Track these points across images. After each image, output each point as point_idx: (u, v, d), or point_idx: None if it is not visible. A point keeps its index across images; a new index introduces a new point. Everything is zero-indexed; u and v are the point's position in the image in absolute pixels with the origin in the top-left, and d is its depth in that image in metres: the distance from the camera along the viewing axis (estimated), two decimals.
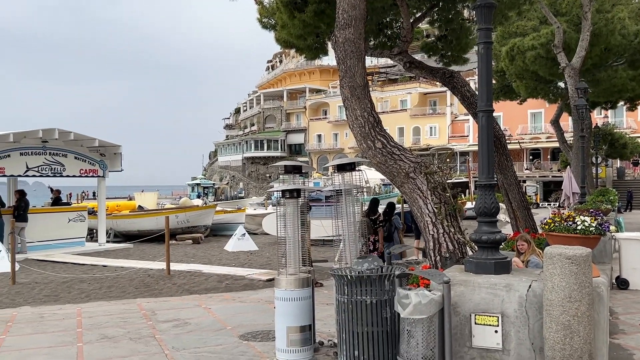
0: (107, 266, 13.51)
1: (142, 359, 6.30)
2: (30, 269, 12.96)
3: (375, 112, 6.69)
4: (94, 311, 8.84)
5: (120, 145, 17.61)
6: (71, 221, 16.89)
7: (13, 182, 17.92)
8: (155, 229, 18.05)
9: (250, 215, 22.93)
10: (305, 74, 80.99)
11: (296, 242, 5.94)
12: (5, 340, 7.19)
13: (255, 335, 7.16)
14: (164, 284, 11.09)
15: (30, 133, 15.24)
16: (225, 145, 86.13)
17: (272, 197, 46.07)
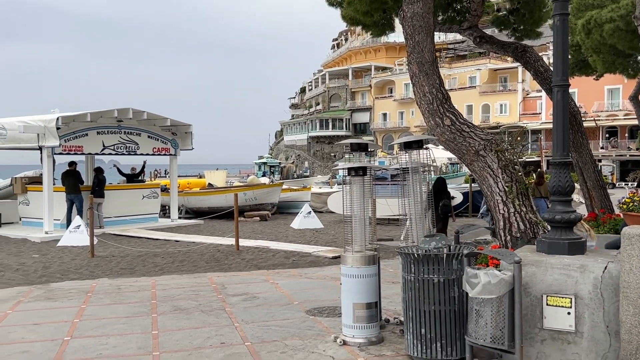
0: (179, 241, 13.99)
1: (213, 330, 6.52)
2: (107, 242, 13.60)
3: (443, 88, 6.56)
4: (167, 284, 9.20)
5: (191, 125, 18.08)
6: (145, 198, 17.56)
7: (91, 160, 18.77)
8: (225, 206, 18.51)
9: (316, 193, 23.11)
10: (371, 52, 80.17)
11: (362, 219, 5.95)
12: (85, 309, 7.60)
13: (321, 310, 7.26)
14: (233, 259, 11.40)
15: (106, 113, 15.87)
16: (291, 124, 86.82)
17: (337, 176, 46.19)
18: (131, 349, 5.90)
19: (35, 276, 9.91)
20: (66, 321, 6.99)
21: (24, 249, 13.16)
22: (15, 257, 11.88)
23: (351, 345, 5.76)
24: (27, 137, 14.79)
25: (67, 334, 6.43)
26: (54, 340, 6.20)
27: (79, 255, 12.02)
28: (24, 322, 6.98)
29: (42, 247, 13.42)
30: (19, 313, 7.44)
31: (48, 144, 14.65)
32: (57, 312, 7.48)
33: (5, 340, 6.23)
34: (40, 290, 8.79)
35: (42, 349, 5.91)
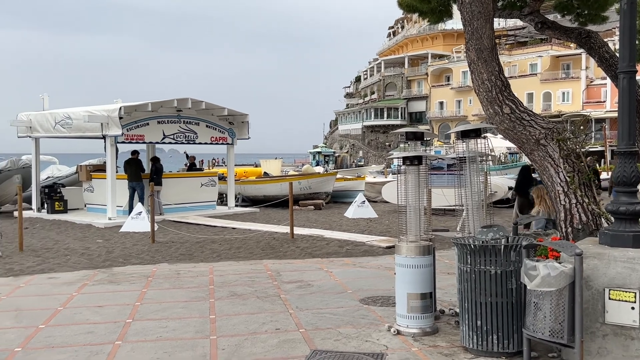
0: (236, 228, 14.24)
1: (268, 316, 6.62)
2: (167, 229, 13.98)
3: (503, 76, 6.40)
4: (225, 270, 9.40)
5: (247, 114, 18.30)
6: (203, 186, 17.95)
7: (152, 149, 19.32)
8: (280, 195, 18.70)
9: (370, 183, 23.03)
10: (428, 40, 78.93)
11: (417, 209, 5.90)
12: (146, 293, 7.86)
13: (375, 299, 7.26)
14: (288, 246, 11.52)
15: (166, 103, 16.26)
16: (346, 113, 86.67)
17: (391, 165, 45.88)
18: (189, 332, 6.08)
19: (99, 260, 10.30)
20: (128, 304, 7.26)
21: (89, 234, 13.70)
22: (81, 242, 12.39)
23: (405, 335, 5.74)
24: (91, 126, 15.35)
25: (129, 317, 6.68)
26: (116, 322, 6.45)
27: (140, 241, 12.42)
28: (89, 304, 7.29)
29: (105, 232, 13.93)
30: (84, 295, 7.77)
31: (111, 133, 15.15)
32: (120, 295, 7.76)
33: (71, 321, 6.53)
34: (104, 274, 9.14)
35: (106, 331, 6.16)
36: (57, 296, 7.70)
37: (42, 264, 9.99)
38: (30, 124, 17.39)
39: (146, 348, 5.57)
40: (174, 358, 5.28)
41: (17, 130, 17.77)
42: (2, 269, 9.55)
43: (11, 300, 7.50)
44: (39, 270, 9.43)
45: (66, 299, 7.51)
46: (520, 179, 11.24)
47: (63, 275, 9.06)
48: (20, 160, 18.00)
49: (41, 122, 17.08)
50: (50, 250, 11.37)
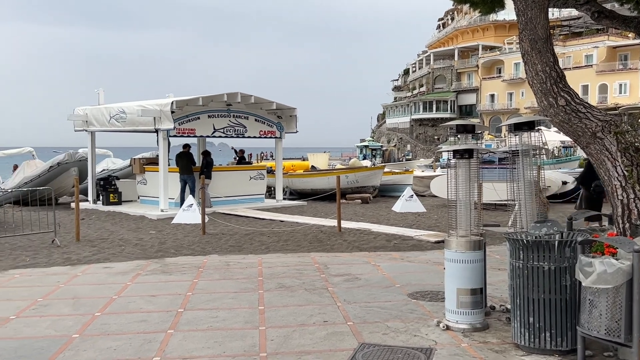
0: (284, 221, 14.36)
1: (316, 309, 6.66)
2: (217, 221, 14.22)
3: (558, 67, 6.21)
4: (273, 262, 9.50)
5: (296, 108, 18.39)
6: (252, 179, 18.16)
7: (202, 143, 19.66)
8: (327, 188, 18.75)
9: (418, 177, 22.80)
10: (479, 31, 77.39)
11: (467, 203, 5.81)
12: (197, 283, 8.03)
13: (423, 294, 7.20)
14: (335, 240, 11.54)
15: (216, 97, 16.51)
16: (393, 107, 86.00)
17: (439, 159, 45.29)
18: (239, 322, 6.17)
19: (152, 251, 10.57)
20: (180, 294, 7.43)
21: (142, 225, 14.07)
22: (135, 233, 12.74)
23: (455, 331, 5.68)
24: (144, 120, 15.73)
25: (180, 306, 6.83)
26: (169, 312, 6.61)
27: (191, 233, 12.67)
28: (142, 293, 7.49)
29: (158, 224, 14.28)
30: (138, 285, 7.99)
31: (163, 127, 15.50)
32: (172, 285, 7.95)
33: (125, 310, 6.73)
34: (156, 264, 9.38)
35: (159, 319, 6.32)
36: (112, 285, 7.95)
37: (98, 253, 10.32)
38: (87, 118, 17.96)
39: (197, 337, 5.69)
40: (224, 348, 5.38)
41: (74, 125, 18.39)
42: (60, 258, 9.92)
43: (69, 289, 7.78)
44: (94, 260, 9.75)
45: (121, 288, 7.75)
46: (585, 171, 10.84)
47: (118, 265, 9.34)
48: (77, 154, 18.62)
49: (97, 117, 17.62)
50: (106, 240, 11.74)
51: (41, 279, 8.40)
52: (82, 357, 5.18)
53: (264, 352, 5.24)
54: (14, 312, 6.62)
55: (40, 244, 11.23)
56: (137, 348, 5.39)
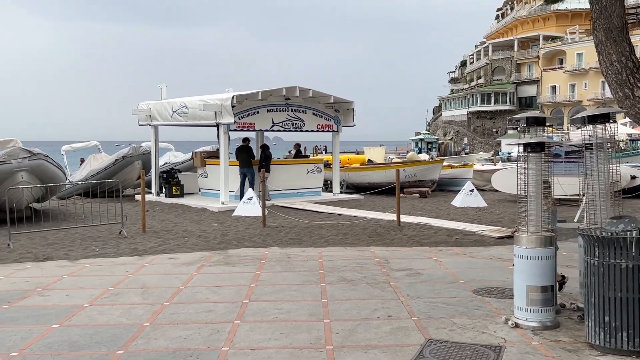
0: (342, 215, 14.37)
1: (379, 303, 6.64)
2: (276, 214, 14.37)
3: (635, 57, 5.96)
4: (333, 255, 9.53)
5: (353, 102, 18.34)
6: (309, 172, 18.25)
7: (260, 137, 19.89)
8: (384, 182, 18.64)
9: (478, 170, 22.36)
10: (539, 21, 75.07)
11: (538, 198, 5.65)
12: (260, 275, 8.14)
13: (489, 291, 7.06)
14: (395, 234, 11.47)
15: (275, 91, 16.65)
16: (450, 99, 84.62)
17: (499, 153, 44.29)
18: (303, 315, 6.22)
19: (214, 242, 10.79)
20: (244, 285, 7.55)
21: (204, 217, 14.37)
22: (197, 225, 13.03)
23: (524, 329, 5.55)
24: (206, 114, 16.04)
25: (245, 297, 6.95)
26: (234, 302, 6.73)
27: (252, 225, 12.86)
28: (207, 284, 7.65)
29: (219, 216, 14.56)
30: (203, 275, 8.17)
31: (224, 121, 15.76)
32: (235, 276, 8.09)
33: (192, 300, 6.89)
34: (219, 256, 9.56)
35: (225, 310, 6.44)
36: (178, 275, 8.16)
37: (163, 244, 10.61)
38: (150, 113, 18.46)
39: (263, 328, 5.77)
40: (291, 339, 5.43)
41: (138, 119, 18.94)
42: (127, 248, 10.26)
43: (137, 278, 8.04)
44: (160, 251, 10.03)
45: (187, 279, 7.94)
46: None
47: (182, 256, 9.58)
48: (140, 147, 19.16)
49: (160, 111, 18.08)
50: (170, 232, 12.05)
51: (110, 268, 8.71)
52: (154, 345, 5.33)
53: (330, 345, 5.26)
54: (87, 300, 6.89)
55: (109, 235, 11.64)
56: (206, 338, 5.51)
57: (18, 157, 12.69)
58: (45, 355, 5.08)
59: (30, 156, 12.84)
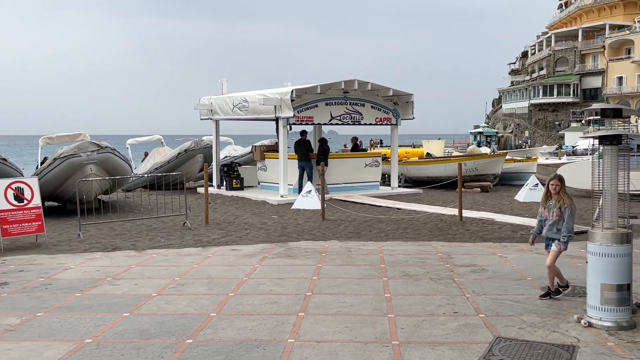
0: (401, 209, 14.22)
1: (444, 299, 6.53)
2: (334, 207, 14.36)
3: None
4: (394, 250, 9.45)
5: (412, 94, 18.09)
6: (367, 166, 18.15)
7: (318, 130, 19.92)
8: (444, 176, 18.33)
9: (542, 164, 21.69)
10: (605, 9, 71.99)
11: (613, 193, 5.41)
12: (321, 268, 8.16)
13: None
14: (457, 229, 11.26)
15: (334, 85, 16.61)
16: (510, 91, 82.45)
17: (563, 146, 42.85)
18: (367, 309, 6.19)
19: (275, 235, 10.89)
20: (306, 278, 7.59)
21: (264, 210, 14.52)
22: (258, 217, 13.18)
23: (598, 328, 5.34)
24: (265, 109, 16.18)
25: (308, 290, 6.98)
26: (297, 295, 6.77)
27: (311, 218, 12.90)
28: (270, 276, 7.73)
29: (278, 209, 14.68)
30: (265, 267, 8.26)
31: (284, 115, 15.86)
32: (297, 269, 8.14)
33: (256, 291, 6.97)
34: (280, 248, 9.65)
35: (288, 302, 6.49)
36: (241, 267, 8.28)
37: (226, 236, 10.79)
38: (211, 107, 18.78)
39: (327, 321, 5.78)
40: (356, 333, 5.41)
41: (200, 113, 19.30)
42: (191, 239, 10.49)
43: (202, 269, 8.20)
44: (223, 242, 10.21)
45: (250, 270, 8.05)
46: None
47: (245, 248, 9.71)
48: (202, 141, 19.53)
49: (221, 105, 18.38)
50: (232, 224, 12.24)
51: (176, 259, 8.92)
52: (221, 335, 5.42)
53: (396, 340, 5.22)
54: (155, 289, 7.08)
55: (173, 226, 11.93)
56: (272, 329, 5.56)
57: (87, 150, 13.14)
58: (118, 342, 5.25)
59: (98, 149, 13.28)
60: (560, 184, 6.33)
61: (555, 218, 6.29)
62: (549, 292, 6.46)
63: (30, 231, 10.13)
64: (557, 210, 6.27)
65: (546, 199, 6.46)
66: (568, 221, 6.23)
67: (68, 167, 13.04)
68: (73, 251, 9.61)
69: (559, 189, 6.31)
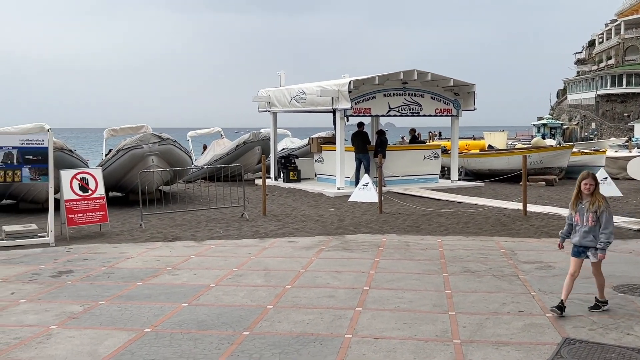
0: (462, 203, 13.86)
1: (508, 297, 6.27)
2: (392, 200, 14.14)
3: None
4: (454, 244, 9.18)
5: (474, 84, 17.59)
6: (426, 158, 17.80)
7: (376, 122, 19.68)
8: (506, 169, 17.76)
9: (612, 157, 20.70)
10: None
11: None
12: (379, 262, 8.00)
13: (632, 288, 6.47)
14: (521, 224, 10.85)
15: (392, 75, 16.33)
16: (576, 82, 79.38)
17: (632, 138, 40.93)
18: (426, 305, 6.01)
19: (332, 227, 10.79)
20: (363, 272, 7.45)
21: (321, 202, 14.46)
22: (315, 210, 13.12)
23: None
24: (323, 100, 16.09)
25: (365, 284, 6.84)
26: (354, 289, 6.65)
27: (368, 211, 12.74)
28: (327, 269, 7.64)
29: (335, 201, 14.58)
30: (322, 260, 8.18)
31: (341, 107, 15.72)
32: (354, 262, 8.02)
33: (312, 284, 6.89)
34: (337, 241, 9.54)
35: (345, 296, 6.38)
36: (297, 259, 8.22)
37: (283, 228, 10.78)
38: (269, 100, 18.86)
39: (385, 317, 5.63)
40: (415, 330, 5.25)
41: (258, 106, 19.42)
42: (249, 231, 10.53)
43: (260, 260, 8.20)
44: (280, 234, 10.19)
45: (306, 263, 7.98)
46: None
47: (301, 240, 9.66)
48: (260, 133, 19.66)
49: (278, 98, 18.42)
50: (289, 216, 12.23)
51: (234, 250, 8.97)
52: (278, 328, 5.37)
53: (457, 339, 5.02)
54: (213, 280, 7.11)
55: (231, 217, 12.03)
56: (329, 323, 5.46)
57: (149, 142, 13.41)
58: (176, 333, 5.27)
59: (160, 141, 13.53)
60: (594, 183, 5.67)
61: (591, 224, 5.58)
62: (599, 304, 5.74)
63: (94, 220, 10.41)
64: (592, 214, 5.57)
65: (577, 200, 5.76)
66: (607, 225, 5.53)
67: (130, 158, 13.35)
68: (135, 241, 9.81)
69: (593, 189, 5.63)
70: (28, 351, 4.86)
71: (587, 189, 5.63)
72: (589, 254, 5.65)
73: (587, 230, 5.62)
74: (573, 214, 5.78)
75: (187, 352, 4.81)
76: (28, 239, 9.55)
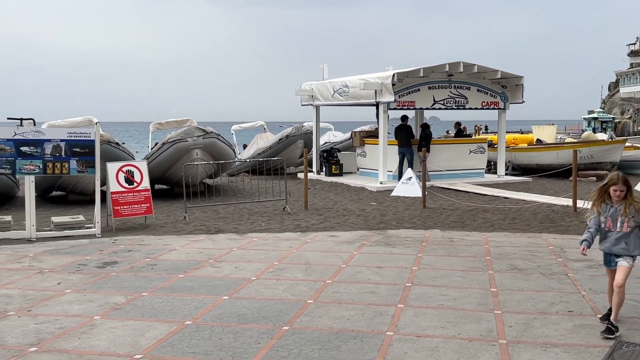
0: (509, 198, 13.51)
1: (557, 296, 6.04)
2: (436, 195, 13.90)
3: None
4: (500, 241, 8.93)
5: (523, 77, 17.10)
6: (472, 153, 17.43)
7: (420, 115, 19.40)
8: (555, 164, 17.25)
9: None
10: None
11: None
12: (422, 258, 7.84)
13: None
14: (571, 221, 10.50)
15: (437, 67, 16.03)
16: (629, 74, 76.65)
17: None
18: (471, 303, 5.84)
19: (374, 222, 10.66)
20: (405, 268, 7.31)
21: (363, 196, 14.33)
22: (357, 204, 13.01)
23: None
24: (366, 93, 15.93)
25: (407, 280, 6.71)
26: (396, 285, 6.52)
27: (411, 206, 12.55)
28: (368, 264, 7.53)
29: (377, 195, 14.43)
30: (363, 255, 8.07)
31: (384, 100, 15.53)
32: (396, 257, 7.88)
33: (354, 279, 6.80)
34: (379, 236, 9.42)
35: (387, 292, 6.26)
36: (339, 254, 8.14)
37: (324, 222, 10.71)
38: (312, 93, 18.80)
39: (428, 315, 5.49)
40: (459, 329, 5.09)
41: (301, 99, 19.39)
42: (291, 224, 10.50)
43: (301, 254, 8.15)
44: (321, 228, 10.13)
45: (347, 257, 7.89)
46: None
47: (343, 234, 9.57)
48: (303, 127, 19.65)
49: (321, 91, 18.34)
50: (331, 210, 12.16)
51: (275, 243, 8.95)
52: (318, 323, 5.30)
53: (503, 339, 4.85)
54: (254, 273, 7.10)
55: (273, 211, 12.04)
56: (369, 320, 5.36)
57: (193, 135, 13.54)
58: (216, 326, 5.26)
59: (204, 135, 13.64)
60: (625, 189, 4.99)
61: (626, 230, 4.96)
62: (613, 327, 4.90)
63: (139, 213, 10.57)
64: (627, 219, 4.95)
65: (601, 203, 5.14)
66: None
67: (175, 151, 13.50)
68: (179, 233, 9.91)
69: (624, 195, 4.99)
70: (71, 341, 4.93)
71: (617, 195, 5.01)
72: (622, 261, 5.03)
73: (620, 237, 5.01)
74: (599, 218, 5.16)
75: (226, 345, 4.79)
76: (75, 230, 9.77)
